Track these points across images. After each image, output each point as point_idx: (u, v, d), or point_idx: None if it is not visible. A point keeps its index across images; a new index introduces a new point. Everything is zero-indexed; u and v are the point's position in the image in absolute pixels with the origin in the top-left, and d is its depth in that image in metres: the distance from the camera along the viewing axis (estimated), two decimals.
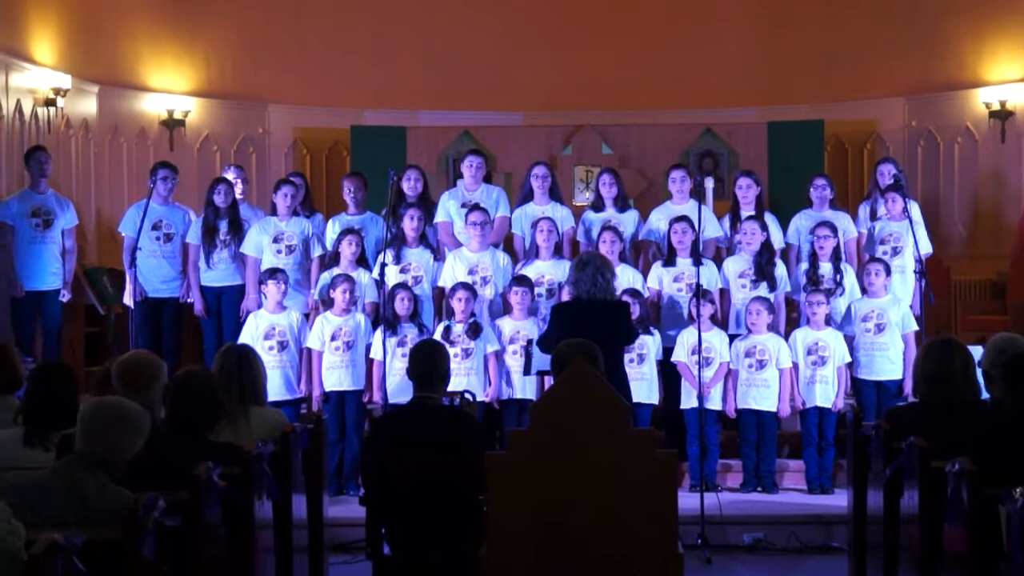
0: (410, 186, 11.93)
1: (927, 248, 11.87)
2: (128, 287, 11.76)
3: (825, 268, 11.35)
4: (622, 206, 12.04)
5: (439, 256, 11.67)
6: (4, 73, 13.50)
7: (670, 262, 11.31)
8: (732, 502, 10.24)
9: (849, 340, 10.92)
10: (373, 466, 7.17)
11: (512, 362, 10.78)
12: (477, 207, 11.55)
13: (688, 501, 9.04)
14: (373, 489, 7.21)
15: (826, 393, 10.78)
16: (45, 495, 5.29)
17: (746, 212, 11.77)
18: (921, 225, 11.81)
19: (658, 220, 11.86)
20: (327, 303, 11.10)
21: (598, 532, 5.91)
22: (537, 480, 5.95)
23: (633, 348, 10.50)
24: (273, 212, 11.92)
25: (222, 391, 6.81)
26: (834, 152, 16.51)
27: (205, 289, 11.97)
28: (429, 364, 7.34)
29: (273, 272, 11.06)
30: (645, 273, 11.44)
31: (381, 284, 10.79)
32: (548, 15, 16.88)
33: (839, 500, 9.73)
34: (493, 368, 10.79)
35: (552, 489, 5.93)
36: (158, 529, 5.17)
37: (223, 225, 11.94)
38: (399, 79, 16.71)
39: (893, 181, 11.93)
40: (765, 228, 11.37)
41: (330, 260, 11.60)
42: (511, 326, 10.92)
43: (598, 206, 12.06)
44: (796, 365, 10.82)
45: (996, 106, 15.68)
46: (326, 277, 11.26)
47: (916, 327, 10.97)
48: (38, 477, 5.41)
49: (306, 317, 11.32)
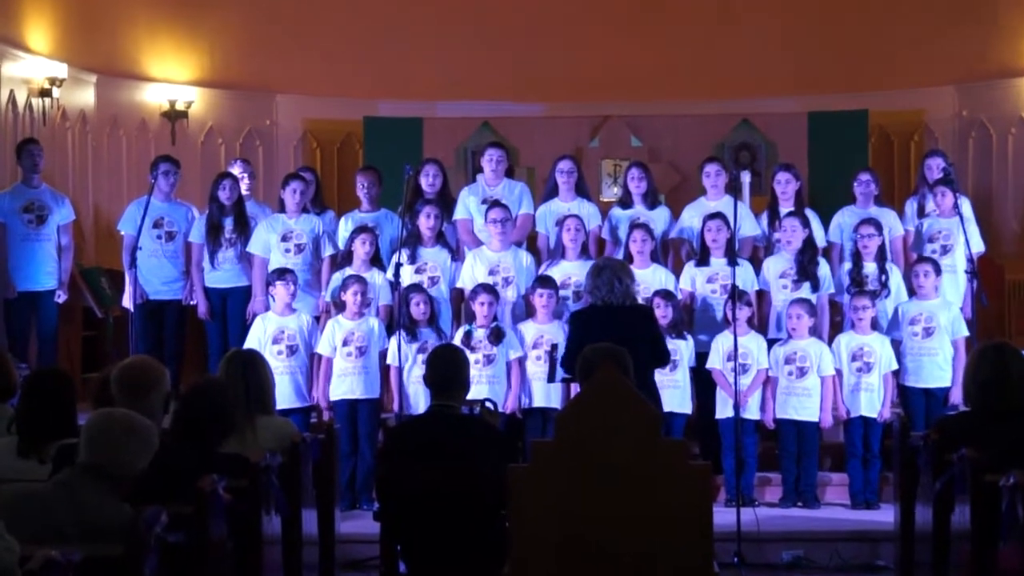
0: (428, 181, 11.93)
1: (979, 246, 11.82)
2: (128, 289, 11.77)
3: (869, 268, 11.32)
4: (652, 202, 12.03)
5: (457, 256, 11.67)
6: None
7: (704, 262, 11.30)
8: (770, 518, 10.21)
9: (896, 345, 10.90)
10: (388, 479, 7.18)
11: (535, 368, 10.77)
12: (498, 203, 11.55)
13: (724, 517, 9.01)
14: (388, 503, 7.22)
15: (871, 402, 10.75)
16: (42, 508, 5.30)
17: (785, 208, 11.75)
18: (972, 222, 11.77)
19: (691, 217, 11.86)
20: (339, 306, 11.11)
21: (627, 550, 5.90)
22: (562, 494, 5.95)
23: None
24: (281, 209, 11.94)
25: (235, 405, 6.83)
26: (879, 144, 16.48)
27: (209, 291, 11.99)
28: (448, 371, 7.35)
29: (281, 273, 11.07)
30: (677, 274, 11.43)
31: (396, 285, 10.80)
32: None
33: (885, 516, 9.70)
34: (516, 375, 10.79)
35: (578, 504, 5.93)
36: (160, 545, 5.18)
37: (228, 223, 11.95)
38: (415, 67, 16.72)
39: (942, 175, 11.90)
40: (806, 225, 11.35)
41: (342, 260, 11.61)
42: (535, 330, 10.91)
43: (627, 202, 12.06)
44: (839, 372, 10.79)
45: None
46: (337, 278, 11.27)
47: (967, 331, 10.94)
48: (36, 489, 5.42)
49: (316, 320, 11.33)
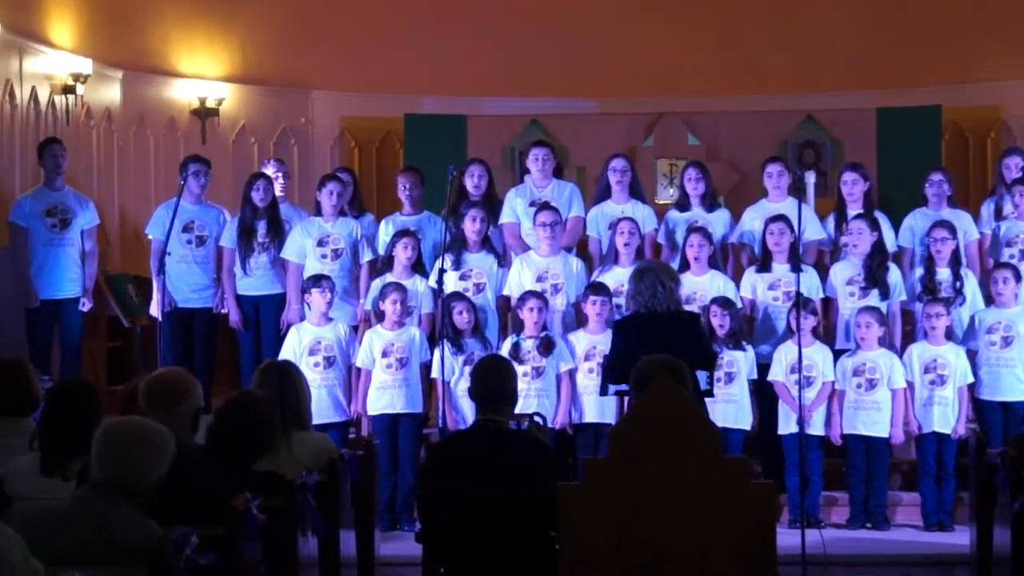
0: (473, 183, 11.94)
1: None
2: (156, 296, 11.81)
3: (943, 274, 11.28)
4: (711, 204, 12.02)
5: (504, 262, 11.68)
6: (18, 57, 13.64)
7: (765, 267, 11.29)
8: (837, 540, 10.20)
9: (971, 356, 10.85)
10: (430, 498, 7.18)
11: (587, 381, 10.76)
12: (547, 206, 11.56)
13: (787, 539, 8.96)
14: (430, 524, 7.23)
15: (945, 416, 10.71)
16: (65, 527, 5.31)
17: (853, 211, 11.72)
18: None
19: (752, 220, 11.84)
20: (378, 315, 11.13)
21: (685, 573, 5.90)
22: (615, 514, 5.95)
23: (721, 366, 10.48)
24: (317, 212, 11.97)
25: (277, 424, 6.85)
26: (953, 142, 16.40)
27: (241, 298, 12.03)
28: (494, 383, 7.34)
29: (318, 279, 11.11)
30: (737, 280, 11.41)
31: (439, 293, 10.81)
32: None
33: (960, 538, 9.68)
34: (566, 388, 10.79)
35: (632, 525, 5.94)
36: (190, 568, 5.20)
37: (261, 226, 11.99)
38: (459, 61, 16.73)
39: (1021, 175, 11.86)
40: (875, 228, 11.31)
41: (382, 266, 11.63)
42: (586, 341, 10.90)
43: (684, 204, 12.05)
44: (911, 385, 10.77)
45: None
46: (377, 285, 11.29)
47: None
48: (57, 507, 5.44)
49: (354, 330, 11.36)
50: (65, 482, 6.34)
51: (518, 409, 7.85)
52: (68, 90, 14.24)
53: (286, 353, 10.78)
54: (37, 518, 5.37)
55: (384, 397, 10.84)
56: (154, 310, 11.88)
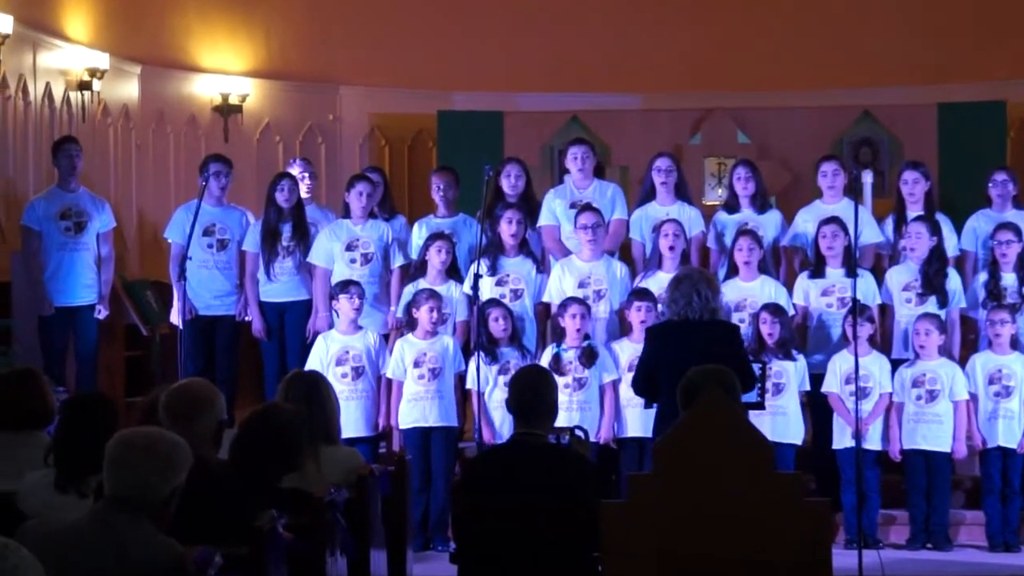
0: (510, 183, 11.95)
1: None
2: (175, 303, 11.87)
3: (1008, 279, 11.25)
4: (761, 206, 12.01)
5: (543, 267, 11.69)
6: (31, 52, 13.69)
7: (819, 272, 11.28)
8: (897, 560, 10.19)
9: None
10: (466, 516, 7.20)
11: (631, 393, 10.74)
12: (588, 207, 11.56)
13: (843, 559, 8.96)
14: (465, 543, 7.24)
15: (1011, 430, 10.68)
16: (80, 546, 5.34)
17: (913, 212, 11.71)
18: None
19: (805, 222, 11.83)
20: (411, 323, 11.14)
21: None
22: (661, 533, 5.95)
23: (769, 376, 10.45)
24: (346, 214, 12.00)
25: (304, 438, 6.87)
26: (1018, 139, 16.35)
27: (265, 305, 12.06)
28: (532, 395, 7.35)
29: (346, 285, 11.13)
30: (789, 286, 11.40)
31: (474, 300, 10.82)
32: None
33: None
34: (609, 400, 10.80)
35: (679, 544, 5.93)
36: None
37: (286, 229, 12.01)
38: (495, 54, 16.76)
39: None
40: (936, 231, 11.28)
41: (415, 271, 11.65)
42: (630, 350, 10.88)
43: (733, 206, 12.05)
44: (974, 396, 10.74)
45: None
46: (409, 291, 11.31)
47: None
48: (71, 525, 5.46)
49: (385, 339, 11.38)
50: (81, 499, 6.36)
51: (559, 423, 7.86)
52: (84, 86, 14.29)
53: (313, 363, 10.81)
54: (52, 536, 5.39)
55: (416, 410, 10.85)
56: (174, 318, 11.93)
